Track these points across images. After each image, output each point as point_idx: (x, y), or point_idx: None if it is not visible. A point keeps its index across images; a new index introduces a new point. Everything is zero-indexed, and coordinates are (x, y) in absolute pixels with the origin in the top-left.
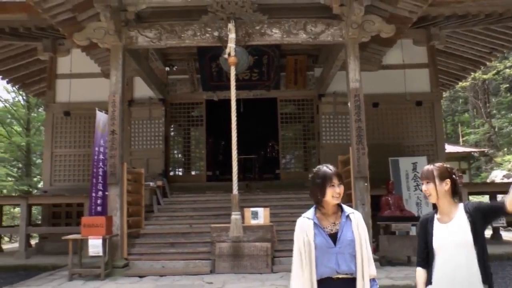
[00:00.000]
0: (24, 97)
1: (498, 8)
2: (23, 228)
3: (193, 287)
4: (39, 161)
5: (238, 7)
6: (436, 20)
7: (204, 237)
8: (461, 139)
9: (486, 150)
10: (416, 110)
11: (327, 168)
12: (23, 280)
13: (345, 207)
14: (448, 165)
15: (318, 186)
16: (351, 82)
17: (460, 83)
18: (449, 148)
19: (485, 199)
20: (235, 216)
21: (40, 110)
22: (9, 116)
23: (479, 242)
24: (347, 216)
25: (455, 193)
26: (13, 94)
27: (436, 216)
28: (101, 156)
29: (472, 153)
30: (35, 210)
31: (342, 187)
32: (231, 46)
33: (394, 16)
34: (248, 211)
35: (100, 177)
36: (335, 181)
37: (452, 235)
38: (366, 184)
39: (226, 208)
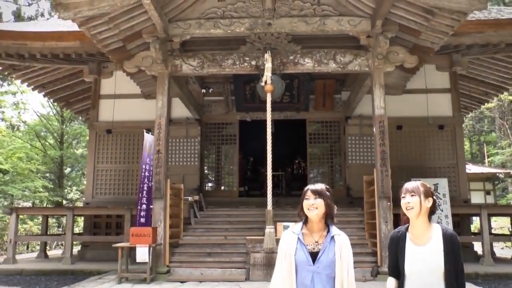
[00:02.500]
0: (59, 111)
1: None
2: (69, 236)
3: None
4: (68, 172)
5: (274, 38)
6: (458, 48)
7: (238, 248)
8: (486, 159)
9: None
10: (438, 133)
11: (310, 185)
12: (73, 283)
13: (333, 228)
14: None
15: (300, 201)
16: (376, 109)
17: (486, 105)
18: (474, 169)
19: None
20: (269, 229)
21: (72, 124)
22: (44, 130)
23: (451, 271)
24: (332, 237)
25: (432, 214)
26: (48, 109)
27: (408, 235)
28: (146, 173)
29: (497, 174)
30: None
31: (319, 201)
32: (267, 75)
33: (417, 46)
34: (280, 225)
35: (144, 192)
36: (310, 195)
37: (426, 262)
38: (389, 203)
39: (258, 222)
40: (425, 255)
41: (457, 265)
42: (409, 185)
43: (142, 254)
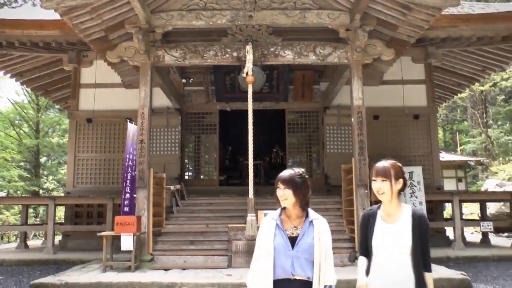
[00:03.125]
0: (34, 99)
1: (489, 32)
2: (51, 226)
3: (214, 278)
4: (44, 161)
5: (255, 30)
6: (433, 41)
7: (220, 236)
8: (459, 148)
9: (482, 159)
10: (413, 123)
11: (281, 173)
12: (57, 272)
13: (311, 212)
14: (399, 164)
15: (274, 189)
16: (354, 100)
17: (458, 95)
18: (446, 157)
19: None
20: (250, 217)
21: (48, 112)
22: (19, 118)
23: (418, 250)
24: (311, 222)
25: (401, 191)
26: (23, 97)
27: (379, 213)
28: (130, 163)
29: (468, 161)
30: (43, 211)
31: (287, 191)
32: (249, 66)
33: (394, 39)
34: (261, 213)
35: (128, 181)
36: (280, 185)
37: (394, 239)
38: (366, 191)
39: (238, 210)
40: (393, 232)
41: (423, 245)
42: (380, 167)
43: (127, 242)
